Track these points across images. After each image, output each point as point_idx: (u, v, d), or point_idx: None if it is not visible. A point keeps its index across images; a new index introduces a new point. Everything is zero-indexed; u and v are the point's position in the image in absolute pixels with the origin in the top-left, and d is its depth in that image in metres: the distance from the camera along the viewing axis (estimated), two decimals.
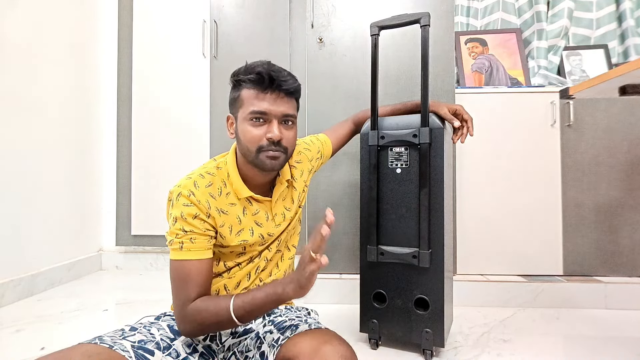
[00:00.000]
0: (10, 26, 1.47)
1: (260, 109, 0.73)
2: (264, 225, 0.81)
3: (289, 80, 0.75)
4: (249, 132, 0.74)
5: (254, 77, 0.73)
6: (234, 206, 0.78)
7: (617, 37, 1.83)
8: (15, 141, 1.49)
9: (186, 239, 0.71)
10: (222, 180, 0.78)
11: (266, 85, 0.73)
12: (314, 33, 1.54)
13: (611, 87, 0.96)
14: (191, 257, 0.71)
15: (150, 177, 1.92)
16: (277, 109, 0.73)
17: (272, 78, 0.72)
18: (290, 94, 0.76)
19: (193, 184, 0.74)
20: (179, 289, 0.71)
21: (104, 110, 2.04)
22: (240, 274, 0.81)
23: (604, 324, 1.31)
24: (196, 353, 0.73)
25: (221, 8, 1.82)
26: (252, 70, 0.74)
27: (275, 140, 0.73)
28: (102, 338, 0.62)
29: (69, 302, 1.47)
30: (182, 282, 0.70)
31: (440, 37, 1.48)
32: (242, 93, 0.76)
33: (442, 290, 1.02)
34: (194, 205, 0.72)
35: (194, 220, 0.72)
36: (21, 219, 1.51)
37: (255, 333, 0.77)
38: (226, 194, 0.77)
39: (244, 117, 0.75)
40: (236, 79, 0.77)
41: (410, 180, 1.06)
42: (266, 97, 0.73)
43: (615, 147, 1.55)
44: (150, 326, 0.72)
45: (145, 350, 0.63)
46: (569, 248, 1.55)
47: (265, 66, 0.73)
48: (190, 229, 0.71)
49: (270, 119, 0.73)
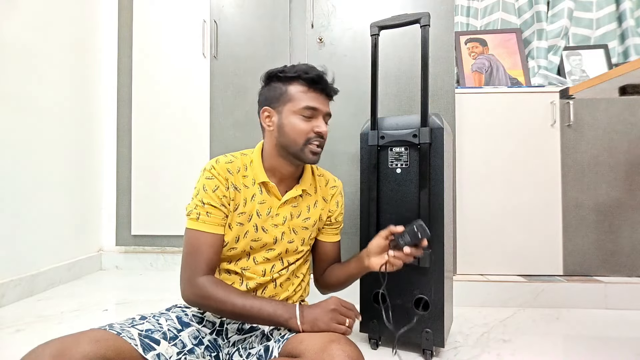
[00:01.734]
0: (10, 26, 1.46)
1: (314, 105, 0.81)
2: (262, 217, 0.84)
3: (332, 84, 0.86)
4: (298, 125, 0.81)
5: (315, 77, 0.81)
6: (246, 188, 0.84)
7: (617, 37, 1.83)
8: (15, 141, 1.48)
9: (203, 211, 0.78)
10: (243, 164, 0.86)
11: (321, 85, 0.82)
12: (314, 33, 1.54)
13: (611, 87, 0.96)
14: (205, 230, 0.78)
15: (150, 177, 1.92)
16: (324, 108, 0.83)
17: (324, 80, 0.83)
18: (331, 97, 0.86)
19: (215, 160, 0.83)
20: (190, 257, 0.77)
21: (104, 110, 2.04)
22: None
23: (604, 324, 1.31)
24: (202, 345, 0.74)
25: (221, 8, 1.82)
26: (309, 71, 0.82)
27: (324, 134, 0.83)
28: (113, 325, 0.65)
29: (69, 302, 1.47)
30: (194, 252, 0.77)
31: (440, 37, 1.48)
32: (291, 89, 0.82)
33: (442, 290, 1.02)
34: (214, 177, 0.80)
35: (213, 193, 0.79)
36: (21, 219, 1.51)
37: (260, 331, 0.79)
38: (243, 175, 0.84)
39: (293, 110, 0.81)
40: (283, 75, 0.83)
41: (410, 180, 1.06)
42: (318, 96, 0.82)
43: (615, 147, 1.55)
44: (159, 316, 0.74)
45: (151, 339, 0.65)
46: (569, 248, 1.55)
47: (316, 68, 0.83)
48: (208, 201, 0.79)
49: (317, 115, 0.82)
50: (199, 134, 1.86)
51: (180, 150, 1.90)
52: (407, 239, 0.82)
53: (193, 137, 1.88)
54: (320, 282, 1.00)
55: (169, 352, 0.66)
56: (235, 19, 1.81)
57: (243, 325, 0.81)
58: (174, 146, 1.91)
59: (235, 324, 0.80)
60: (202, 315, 0.81)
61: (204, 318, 0.81)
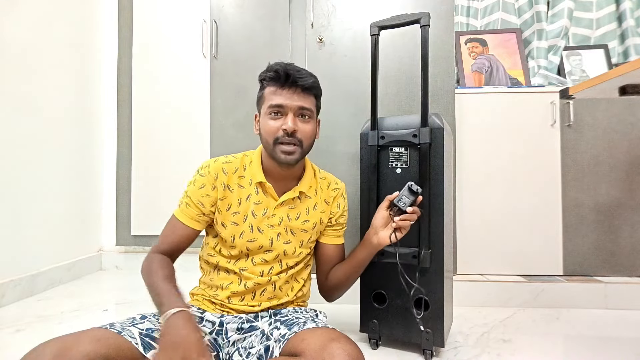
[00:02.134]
0: (10, 26, 1.46)
1: (277, 102, 0.79)
2: (257, 218, 0.84)
3: (305, 76, 0.81)
4: (267, 125, 0.80)
5: (272, 75, 0.80)
6: (241, 189, 0.84)
7: (617, 37, 1.83)
8: (14, 141, 1.48)
9: (184, 202, 0.84)
10: (242, 164, 0.87)
11: (283, 81, 0.79)
12: (314, 33, 1.54)
13: (611, 87, 0.96)
14: (180, 219, 0.83)
15: (150, 177, 1.92)
16: (292, 103, 0.80)
17: (288, 74, 0.79)
18: (307, 90, 0.82)
19: (214, 160, 0.86)
20: (161, 237, 0.84)
21: (104, 110, 2.04)
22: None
23: (604, 324, 1.31)
24: None
25: (221, 8, 1.82)
26: (271, 68, 0.81)
27: (289, 131, 0.78)
28: (114, 324, 0.65)
29: (69, 302, 1.47)
30: (165, 234, 0.84)
31: (440, 37, 1.48)
32: (264, 91, 0.83)
33: (442, 290, 1.02)
34: (204, 176, 0.83)
35: (198, 190, 0.83)
36: (21, 219, 1.51)
37: (260, 330, 0.78)
38: (240, 176, 0.86)
39: (264, 112, 0.82)
40: (260, 78, 0.84)
41: (410, 180, 1.05)
42: (283, 92, 0.80)
43: (615, 147, 1.55)
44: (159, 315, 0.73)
45: (152, 338, 0.65)
46: (569, 248, 1.55)
47: (283, 65, 0.80)
48: (190, 195, 0.83)
49: (286, 112, 0.80)
50: (199, 134, 1.86)
51: (180, 150, 1.90)
52: (406, 200, 0.90)
53: (193, 137, 1.88)
54: (324, 287, 0.99)
55: None
56: (235, 19, 1.81)
57: (242, 324, 0.80)
58: (174, 146, 1.91)
59: (234, 323, 0.80)
60: (202, 315, 0.82)
61: (203, 318, 0.81)
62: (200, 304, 0.85)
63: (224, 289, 0.83)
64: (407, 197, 0.90)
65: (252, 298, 0.83)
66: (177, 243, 0.84)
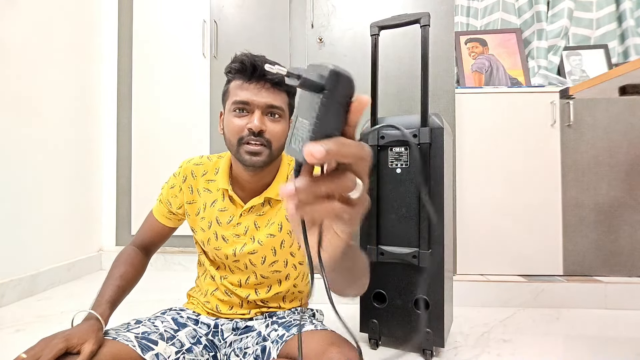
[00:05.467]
0: (10, 26, 1.46)
1: (242, 98, 0.69)
2: (222, 225, 0.78)
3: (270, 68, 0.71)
4: (231, 123, 0.70)
5: (237, 66, 0.69)
6: (207, 193, 0.80)
7: (617, 37, 1.83)
8: (14, 141, 1.48)
9: (158, 198, 0.85)
10: (214, 168, 0.82)
11: (249, 74, 0.69)
12: (314, 33, 1.54)
13: (611, 87, 0.96)
14: (155, 215, 0.84)
15: (150, 178, 1.92)
16: (259, 99, 0.69)
17: (255, 66, 0.68)
18: (277, 85, 0.70)
19: (188, 160, 0.83)
20: (139, 230, 0.87)
21: (104, 110, 2.04)
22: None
23: (604, 324, 1.31)
24: (200, 344, 0.73)
25: (221, 8, 1.82)
26: (237, 59, 0.70)
27: (255, 130, 0.67)
28: (107, 332, 0.64)
29: (69, 302, 1.47)
30: (143, 227, 0.86)
31: (440, 37, 1.48)
32: (230, 85, 0.73)
33: (442, 290, 1.02)
34: (176, 176, 0.82)
35: (170, 189, 0.82)
36: (21, 219, 1.51)
37: (256, 332, 0.77)
38: (208, 180, 0.81)
39: (228, 108, 0.72)
40: (225, 71, 0.74)
41: (410, 180, 1.06)
42: (250, 87, 0.69)
43: (615, 147, 1.55)
44: (154, 319, 0.73)
45: (149, 341, 0.64)
46: (569, 248, 1.55)
47: (250, 55, 0.69)
48: (163, 192, 0.83)
49: (252, 109, 0.69)
50: (199, 134, 1.87)
51: (181, 150, 1.90)
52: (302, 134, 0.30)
53: (193, 137, 1.88)
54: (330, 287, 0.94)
55: (168, 352, 0.65)
56: (235, 19, 1.81)
57: (237, 325, 0.79)
58: (174, 146, 1.91)
59: (229, 323, 0.79)
60: (197, 317, 0.80)
61: (198, 320, 0.79)
62: (194, 308, 0.83)
63: (212, 295, 0.81)
64: (302, 129, 0.29)
65: (241, 307, 0.80)
66: (150, 238, 0.85)
